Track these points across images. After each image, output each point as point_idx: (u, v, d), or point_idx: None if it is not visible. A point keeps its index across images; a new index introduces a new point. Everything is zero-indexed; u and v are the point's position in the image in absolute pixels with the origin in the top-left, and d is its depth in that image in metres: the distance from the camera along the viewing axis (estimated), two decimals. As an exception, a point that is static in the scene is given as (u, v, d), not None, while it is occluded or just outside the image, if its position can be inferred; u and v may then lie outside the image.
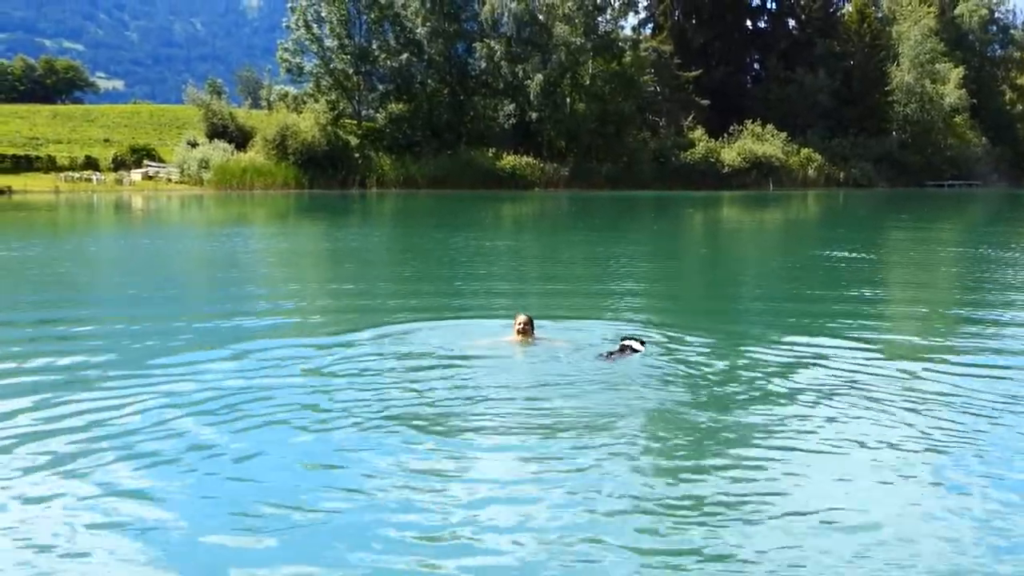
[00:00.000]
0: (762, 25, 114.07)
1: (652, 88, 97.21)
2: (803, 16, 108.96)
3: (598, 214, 51.54)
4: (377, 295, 17.23)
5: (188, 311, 15.75)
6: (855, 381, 9.90)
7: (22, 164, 74.99)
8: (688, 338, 12.27)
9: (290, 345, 11.87)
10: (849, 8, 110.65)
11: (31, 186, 68.90)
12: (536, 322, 11.89)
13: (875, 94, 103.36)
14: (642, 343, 11.15)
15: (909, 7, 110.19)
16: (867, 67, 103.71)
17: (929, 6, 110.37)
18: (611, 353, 10.90)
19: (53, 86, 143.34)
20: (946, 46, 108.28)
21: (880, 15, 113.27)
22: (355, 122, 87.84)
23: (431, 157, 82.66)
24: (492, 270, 22.46)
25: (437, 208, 56.38)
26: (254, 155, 77.74)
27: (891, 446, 7.70)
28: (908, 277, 22.10)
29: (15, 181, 69.23)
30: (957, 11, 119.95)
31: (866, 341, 12.30)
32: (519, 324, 11.26)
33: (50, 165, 76.37)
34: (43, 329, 13.87)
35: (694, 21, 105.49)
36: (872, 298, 17.85)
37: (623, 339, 11.31)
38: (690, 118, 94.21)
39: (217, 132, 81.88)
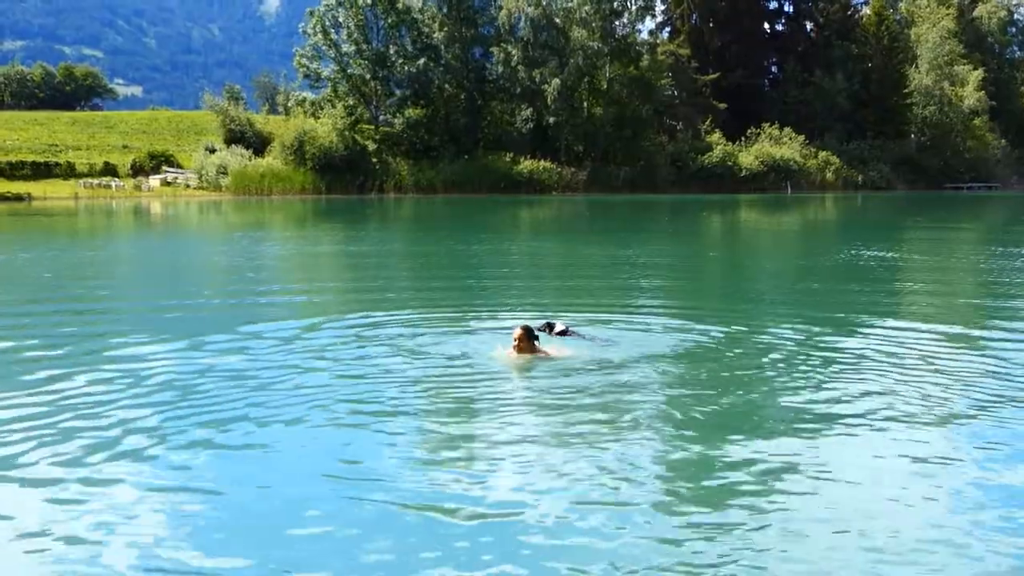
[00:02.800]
0: (780, 28, 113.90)
1: (669, 92, 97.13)
2: (821, 19, 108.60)
3: (616, 218, 51.49)
4: (388, 302, 16.83)
5: (195, 312, 15.97)
6: (880, 381, 9.82)
7: (42, 171, 75.62)
8: (698, 337, 12.21)
9: (292, 352, 11.64)
10: (867, 10, 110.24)
11: (51, 192, 69.31)
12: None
13: (893, 97, 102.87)
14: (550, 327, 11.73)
15: (927, 9, 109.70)
16: (885, 69, 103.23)
17: (947, 8, 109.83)
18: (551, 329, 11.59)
19: (72, 93, 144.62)
20: (965, 48, 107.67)
21: (898, 17, 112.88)
22: (372, 127, 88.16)
23: (448, 162, 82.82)
24: (511, 273, 22.39)
25: (455, 213, 56.49)
26: (272, 160, 78.15)
27: (919, 447, 7.62)
28: (930, 277, 21.90)
29: (35, 188, 69.69)
30: (976, 13, 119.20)
31: (892, 340, 12.19)
32: (515, 339, 10.58)
33: (69, 171, 76.93)
34: (45, 329, 13.89)
35: (711, 24, 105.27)
36: (894, 299, 17.71)
37: (548, 324, 11.75)
38: (707, 122, 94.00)
39: (235, 138, 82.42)
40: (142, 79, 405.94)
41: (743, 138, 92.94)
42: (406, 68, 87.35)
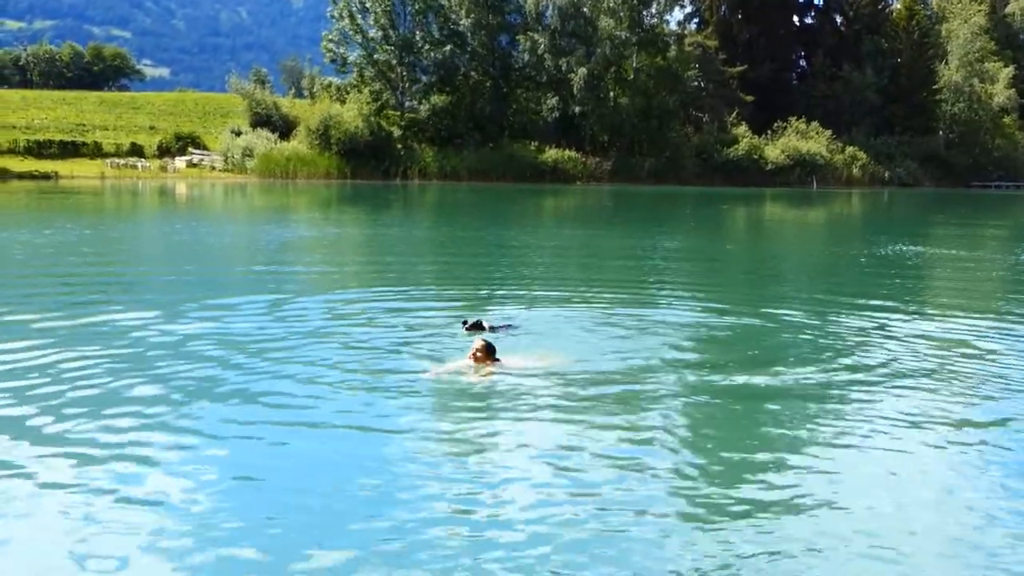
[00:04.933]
0: (809, 21, 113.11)
1: (696, 83, 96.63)
2: (851, 12, 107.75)
3: (637, 208, 51.40)
4: (385, 293, 16.49)
5: (204, 299, 15.63)
6: (907, 376, 9.74)
7: (69, 150, 75.92)
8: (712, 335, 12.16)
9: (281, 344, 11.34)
10: (898, 5, 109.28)
11: (78, 172, 69.67)
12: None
13: (922, 92, 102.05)
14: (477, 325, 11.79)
15: (959, 5, 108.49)
16: (915, 65, 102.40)
17: (979, 4, 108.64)
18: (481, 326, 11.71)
19: (100, 73, 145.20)
20: (996, 45, 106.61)
21: (929, 12, 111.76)
22: (398, 113, 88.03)
23: (473, 149, 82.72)
24: (531, 264, 22.34)
25: (479, 201, 56.48)
26: (297, 144, 78.21)
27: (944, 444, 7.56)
28: (951, 273, 21.71)
29: (62, 167, 70.07)
30: (1008, 9, 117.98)
31: (919, 334, 12.09)
32: (474, 351, 10.01)
33: (96, 151, 77.25)
34: (34, 300, 14.07)
35: (740, 16, 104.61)
36: (912, 297, 17.59)
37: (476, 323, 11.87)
38: (734, 114, 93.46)
39: (261, 121, 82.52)
40: (170, 61, 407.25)
41: (769, 131, 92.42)
42: (432, 54, 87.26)
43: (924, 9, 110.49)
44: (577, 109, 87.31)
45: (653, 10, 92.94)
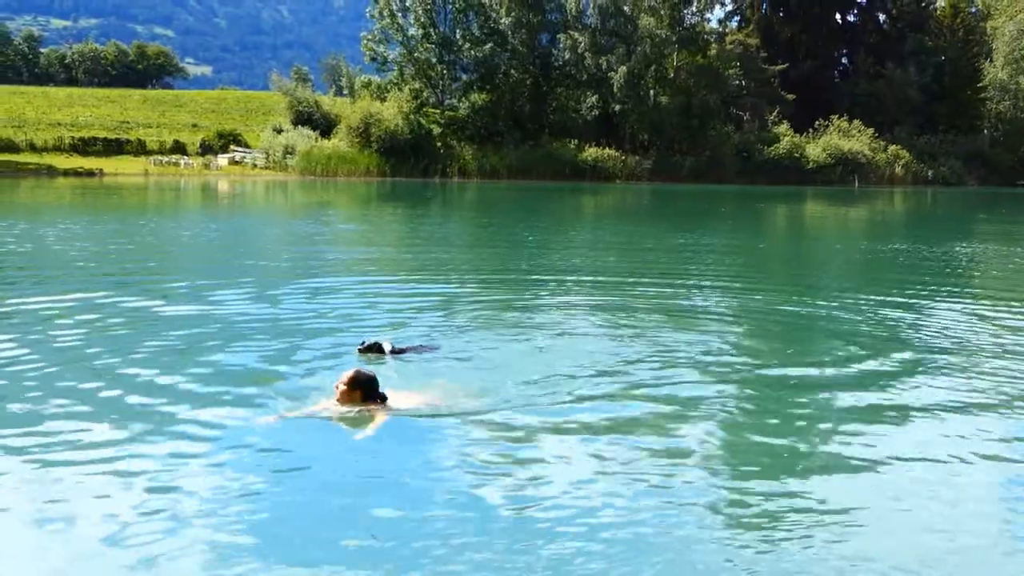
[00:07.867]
0: (851, 18, 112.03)
1: (737, 82, 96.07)
2: (894, 10, 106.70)
3: (675, 207, 51.20)
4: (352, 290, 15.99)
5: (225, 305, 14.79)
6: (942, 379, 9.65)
7: (113, 147, 77.01)
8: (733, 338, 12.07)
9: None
10: (942, 2, 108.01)
11: (121, 169, 70.52)
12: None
13: (967, 91, 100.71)
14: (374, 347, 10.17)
15: (1005, 2, 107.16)
16: (959, 63, 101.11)
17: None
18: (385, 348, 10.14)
19: (144, 71, 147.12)
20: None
21: (974, 9, 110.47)
22: (438, 111, 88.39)
23: (513, 148, 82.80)
24: (532, 263, 22.22)
25: (515, 199, 56.45)
26: (338, 142, 78.75)
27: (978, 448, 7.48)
28: (988, 273, 21.40)
29: (106, 164, 70.97)
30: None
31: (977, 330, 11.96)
32: (338, 389, 7.83)
33: (140, 149, 78.28)
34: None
35: (781, 14, 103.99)
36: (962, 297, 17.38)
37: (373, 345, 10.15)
38: (775, 112, 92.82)
39: (302, 119, 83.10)
40: (212, 59, 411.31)
41: (811, 130, 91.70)
42: (472, 53, 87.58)
43: (969, 6, 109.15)
44: (617, 107, 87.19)
45: (694, 8, 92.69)
